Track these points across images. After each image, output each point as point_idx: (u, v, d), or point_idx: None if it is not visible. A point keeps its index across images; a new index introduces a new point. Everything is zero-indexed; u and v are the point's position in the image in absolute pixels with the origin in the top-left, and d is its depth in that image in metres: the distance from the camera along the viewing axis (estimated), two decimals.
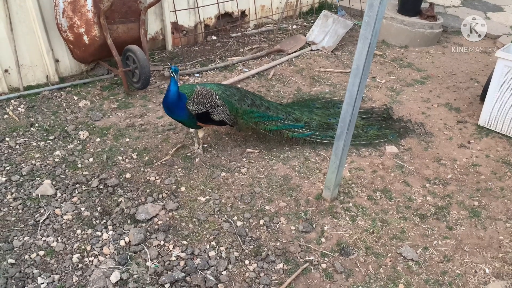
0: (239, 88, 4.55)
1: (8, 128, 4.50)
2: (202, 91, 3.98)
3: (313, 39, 7.21)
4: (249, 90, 4.76)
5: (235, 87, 4.56)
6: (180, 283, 3.05)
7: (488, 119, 5.14)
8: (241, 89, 4.57)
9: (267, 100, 4.70)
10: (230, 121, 4.17)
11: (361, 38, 2.92)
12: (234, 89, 4.39)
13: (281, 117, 4.43)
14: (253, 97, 4.44)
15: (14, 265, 3.07)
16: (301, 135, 4.51)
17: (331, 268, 3.28)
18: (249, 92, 4.56)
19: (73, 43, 5.05)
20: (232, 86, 4.53)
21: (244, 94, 4.36)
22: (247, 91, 4.55)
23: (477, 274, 3.33)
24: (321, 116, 4.74)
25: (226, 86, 4.31)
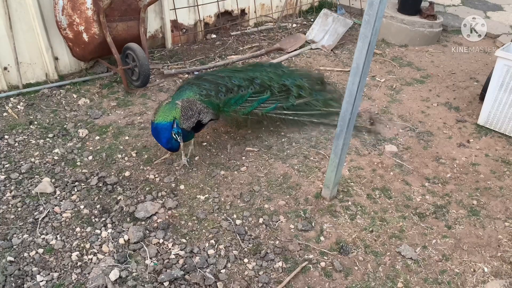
0: (209, 78, 4.33)
1: (7, 125, 4.50)
2: (185, 104, 3.88)
3: (313, 38, 7.20)
4: (215, 69, 4.61)
5: (205, 78, 4.35)
6: (179, 281, 3.06)
7: (487, 118, 5.14)
8: (212, 75, 4.40)
9: (233, 70, 4.54)
10: (215, 116, 4.19)
11: (361, 37, 2.92)
12: (206, 82, 4.23)
13: (250, 91, 4.30)
14: (225, 81, 4.27)
15: (13, 262, 3.07)
16: (270, 108, 4.35)
17: (330, 266, 3.29)
18: (219, 75, 4.36)
19: (72, 41, 5.04)
20: (204, 78, 4.33)
21: (216, 83, 4.22)
22: (217, 75, 4.36)
23: (475, 273, 3.34)
24: (276, 75, 4.59)
25: (198, 85, 4.15)
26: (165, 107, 3.88)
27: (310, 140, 4.72)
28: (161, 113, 3.83)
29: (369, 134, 4.92)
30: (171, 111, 3.83)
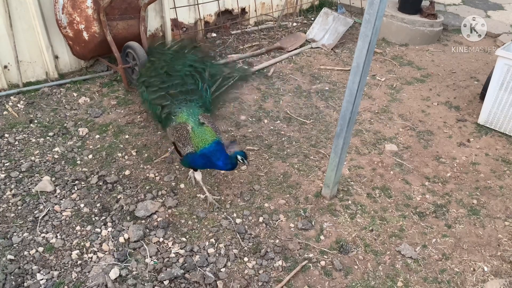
0: (177, 89, 3.78)
1: (7, 124, 4.50)
2: (206, 120, 3.58)
3: (313, 37, 7.19)
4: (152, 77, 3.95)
5: (174, 91, 3.77)
6: (179, 280, 3.06)
7: (487, 117, 5.14)
8: (171, 86, 3.82)
9: (167, 72, 3.91)
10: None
11: (361, 36, 2.92)
12: (181, 94, 3.74)
13: (201, 84, 3.87)
14: (188, 85, 3.80)
15: (13, 261, 3.07)
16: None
17: (330, 265, 3.29)
18: (175, 82, 3.81)
19: (72, 40, 5.04)
20: (174, 92, 3.76)
21: (186, 90, 3.76)
22: (173, 84, 3.81)
23: (475, 272, 3.34)
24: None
25: (186, 100, 3.70)
26: (194, 133, 3.42)
27: (310, 139, 4.72)
28: (197, 139, 3.40)
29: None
30: (204, 133, 3.43)
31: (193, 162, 3.50)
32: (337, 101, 5.50)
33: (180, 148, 3.49)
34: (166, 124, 3.69)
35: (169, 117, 3.63)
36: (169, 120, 3.63)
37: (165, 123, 3.71)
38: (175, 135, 3.52)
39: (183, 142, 3.44)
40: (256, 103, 5.32)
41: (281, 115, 5.12)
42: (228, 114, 5.01)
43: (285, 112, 5.19)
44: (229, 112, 5.06)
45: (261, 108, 5.21)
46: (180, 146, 3.47)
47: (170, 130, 3.61)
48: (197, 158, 3.43)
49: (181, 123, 3.52)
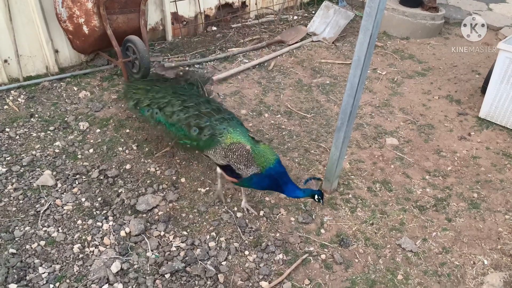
0: (207, 107, 3.68)
1: (8, 118, 4.50)
2: (256, 138, 3.52)
3: (314, 30, 7.16)
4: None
5: (225, 115, 3.64)
6: (180, 273, 3.07)
7: (489, 111, 5.13)
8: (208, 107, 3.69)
9: (182, 101, 3.76)
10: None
11: (363, 29, 2.90)
12: (221, 113, 3.64)
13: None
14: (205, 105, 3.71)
15: (15, 255, 3.08)
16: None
17: (330, 259, 3.30)
18: (197, 105, 3.68)
19: (72, 34, 5.02)
20: (225, 115, 3.63)
21: (218, 108, 3.71)
22: (199, 107, 3.67)
23: (475, 265, 3.35)
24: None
25: (227, 119, 3.57)
26: (255, 152, 3.24)
27: (311, 133, 4.71)
28: (260, 159, 3.23)
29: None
30: (265, 151, 3.29)
31: (258, 183, 3.31)
32: (338, 95, 5.49)
33: (240, 170, 3.23)
34: (208, 145, 3.39)
35: (214, 139, 3.35)
36: (214, 141, 3.35)
37: (206, 145, 3.41)
38: (230, 156, 3.24)
39: (245, 163, 3.21)
40: (256, 97, 5.31)
41: (282, 109, 5.11)
42: (228, 108, 5.00)
43: (285, 106, 5.18)
44: (229, 106, 5.05)
45: (261, 102, 5.21)
46: (241, 168, 3.22)
47: (218, 152, 3.32)
48: (263, 178, 3.24)
49: (235, 143, 3.26)
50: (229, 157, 3.26)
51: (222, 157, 3.30)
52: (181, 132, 3.56)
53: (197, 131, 3.45)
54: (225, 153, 3.28)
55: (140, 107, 3.87)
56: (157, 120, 3.72)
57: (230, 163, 3.26)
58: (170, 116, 3.62)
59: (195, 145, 3.52)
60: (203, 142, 3.42)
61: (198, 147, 3.53)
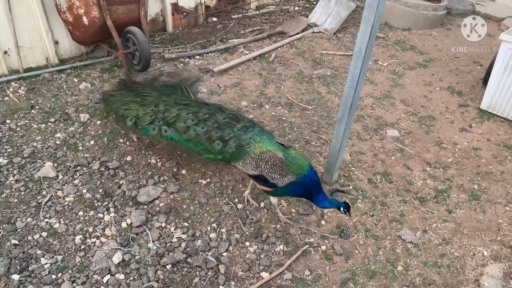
0: (224, 115, 3.53)
1: (8, 110, 4.50)
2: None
3: (315, 21, 7.12)
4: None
5: (237, 118, 3.51)
6: (182, 264, 3.09)
7: (490, 102, 5.12)
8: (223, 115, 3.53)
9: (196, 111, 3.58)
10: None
11: (364, 20, 2.88)
12: (239, 119, 3.49)
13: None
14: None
15: (17, 246, 3.10)
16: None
17: (330, 250, 3.32)
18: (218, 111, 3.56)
19: (72, 25, 4.99)
20: (239, 120, 3.48)
21: (236, 115, 3.55)
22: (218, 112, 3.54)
23: (475, 256, 3.37)
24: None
25: (249, 125, 3.42)
26: (288, 160, 3.13)
27: (312, 125, 4.71)
28: (294, 166, 3.12)
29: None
30: (297, 158, 3.18)
31: (293, 192, 3.23)
32: (339, 87, 5.48)
33: (275, 179, 3.11)
34: (235, 157, 3.26)
35: (241, 150, 3.22)
36: (242, 153, 3.22)
37: (233, 157, 3.27)
38: (263, 166, 3.12)
39: (280, 173, 3.09)
40: (257, 88, 5.29)
41: (283, 101, 5.10)
42: (229, 100, 4.99)
43: (286, 97, 5.17)
44: (230, 98, 5.04)
45: (262, 94, 5.19)
46: (276, 177, 3.10)
47: (248, 163, 3.19)
48: (298, 187, 3.14)
49: (265, 152, 3.14)
50: (261, 167, 3.13)
51: (253, 167, 3.17)
52: (201, 147, 3.39)
53: (220, 144, 3.30)
54: (256, 163, 3.15)
55: (142, 126, 3.59)
56: (168, 138, 3.50)
57: (263, 173, 3.13)
58: (184, 131, 3.43)
59: (219, 158, 3.36)
60: (230, 154, 3.27)
61: (223, 160, 3.37)
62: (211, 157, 3.41)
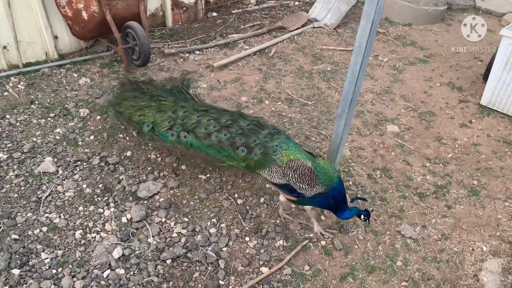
0: (249, 121, 3.41)
1: (8, 105, 4.49)
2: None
3: (315, 16, 7.09)
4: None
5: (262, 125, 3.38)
6: (182, 259, 3.10)
7: (490, 98, 5.11)
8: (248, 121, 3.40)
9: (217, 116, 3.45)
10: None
11: (364, 15, 2.87)
12: (262, 126, 3.35)
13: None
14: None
15: (17, 240, 3.11)
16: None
17: (330, 245, 3.33)
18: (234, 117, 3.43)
19: (71, 19, 4.98)
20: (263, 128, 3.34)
21: (259, 122, 3.40)
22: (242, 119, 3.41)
23: (474, 252, 3.38)
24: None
25: (275, 133, 3.29)
26: (317, 169, 3.04)
27: (312, 121, 4.70)
28: (323, 177, 3.03)
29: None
30: (326, 168, 3.08)
31: (320, 203, 3.15)
32: (339, 82, 5.47)
33: (302, 189, 3.03)
34: (261, 165, 3.17)
35: (267, 158, 3.12)
36: (268, 161, 3.12)
37: (259, 165, 3.18)
38: (291, 175, 3.03)
39: (309, 183, 3.00)
40: (257, 84, 5.29)
41: (283, 96, 5.09)
42: (229, 95, 4.99)
43: (286, 93, 5.16)
44: (230, 93, 5.03)
45: (262, 89, 5.18)
46: (304, 187, 3.02)
47: (275, 171, 3.10)
48: (326, 199, 3.06)
49: (293, 160, 3.05)
50: (289, 176, 3.04)
51: (280, 176, 3.09)
52: (223, 154, 3.28)
53: (245, 151, 3.19)
54: (283, 172, 3.06)
55: (160, 131, 3.46)
56: (188, 144, 3.39)
57: (291, 182, 3.05)
58: (205, 137, 3.32)
59: (243, 166, 3.25)
60: (255, 162, 3.17)
61: (247, 167, 3.25)
62: (234, 165, 3.29)
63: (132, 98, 3.76)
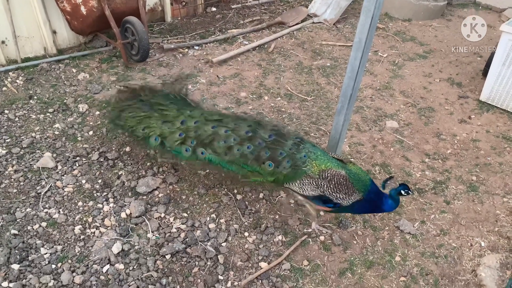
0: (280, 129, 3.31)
1: (7, 100, 4.48)
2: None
3: (315, 11, 7.07)
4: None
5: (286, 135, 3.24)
6: (181, 254, 3.11)
7: (490, 94, 5.11)
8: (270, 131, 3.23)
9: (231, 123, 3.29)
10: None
11: (364, 10, 2.86)
12: (285, 136, 3.20)
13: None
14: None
15: (17, 236, 3.11)
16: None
17: (329, 240, 3.33)
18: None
19: (70, 14, 4.95)
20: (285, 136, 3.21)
21: (282, 131, 3.27)
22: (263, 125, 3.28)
23: (472, 247, 3.39)
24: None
25: (300, 140, 3.19)
26: (351, 177, 2.97)
27: (311, 116, 4.70)
28: (359, 183, 2.97)
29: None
30: (358, 173, 3.03)
31: (359, 210, 3.11)
32: (338, 78, 5.46)
33: (339, 199, 2.94)
34: (290, 178, 3.05)
35: (297, 170, 3.00)
36: (298, 173, 3.01)
37: (288, 178, 3.05)
38: (325, 186, 2.94)
39: (346, 191, 2.92)
40: (256, 79, 5.28)
41: (282, 92, 5.09)
42: (228, 91, 4.98)
43: (286, 88, 5.15)
44: (229, 88, 5.02)
45: (261, 85, 5.18)
46: (341, 197, 2.93)
47: (307, 183, 2.99)
48: (365, 204, 3.00)
49: (325, 170, 2.96)
50: (323, 187, 2.94)
51: (313, 188, 2.97)
52: (248, 169, 3.10)
53: (272, 165, 3.02)
54: (316, 183, 2.95)
55: (172, 146, 3.23)
56: (206, 160, 3.17)
57: (326, 193, 2.95)
58: (226, 152, 3.11)
59: (270, 180, 3.09)
60: (284, 176, 3.03)
61: (276, 182, 3.11)
62: (260, 180, 3.13)
63: (130, 108, 3.53)
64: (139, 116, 3.43)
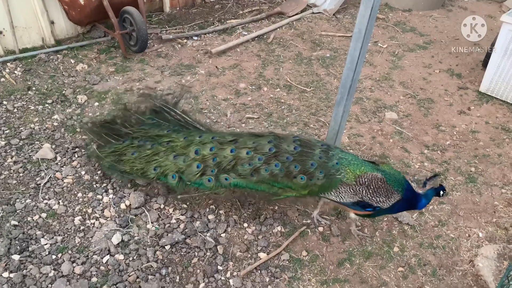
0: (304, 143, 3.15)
1: (5, 91, 4.46)
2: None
3: (314, 2, 7.01)
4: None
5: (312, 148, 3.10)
6: (180, 244, 3.13)
7: (489, 85, 5.10)
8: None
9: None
10: None
11: (364, 0, 2.84)
12: (314, 146, 3.11)
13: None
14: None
15: (17, 226, 3.12)
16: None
17: (328, 231, 3.35)
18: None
19: (68, 4, 4.92)
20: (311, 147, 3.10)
21: (311, 143, 3.15)
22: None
23: (470, 238, 3.41)
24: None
25: (327, 148, 3.11)
26: (387, 179, 2.93)
27: (310, 107, 4.69)
28: (396, 184, 2.93)
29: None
30: (392, 173, 2.99)
31: (399, 209, 3.10)
32: (338, 69, 5.44)
33: (380, 202, 2.91)
34: (325, 189, 2.98)
35: (332, 179, 2.94)
36: (334, 182, 2.94)
37: (323, 189, 2.98)
38: (364, 192, 2.89)
39: (386, 194, 2.89)
40: (256, 70, 5.25)
41: (281, 83, 5.07)
42: (227, 82, 4.96)
43: (285, 79, 5.14)
44: (228, 79, 5.01)
45: (261, 76, 5.16)
46: (381, 200, 2.90)
47: (344, 191, 2.93)
48: (404, 204, 2.99)
49: (361, 175, 2.91)
50: (362, 193, 2.90)
51: (351, 195, 2.92)
52: (278, 186, 3.00)
53: (304, 178, 2.94)
54: (353, 190, 2.90)
55: (192, 180, 3.06)
56: (232, 186, 3.05)
57: (365, 199, 2.91)
58: (252, 174, 2.98)
59: (305, 194, 3.01)
60: (319, 187, 2.96)
61: (310, 194, 3.04)
62: (294, 195, 3.04)
63: (131, 149, 3.28)
64: (146, 155, 3.21)
